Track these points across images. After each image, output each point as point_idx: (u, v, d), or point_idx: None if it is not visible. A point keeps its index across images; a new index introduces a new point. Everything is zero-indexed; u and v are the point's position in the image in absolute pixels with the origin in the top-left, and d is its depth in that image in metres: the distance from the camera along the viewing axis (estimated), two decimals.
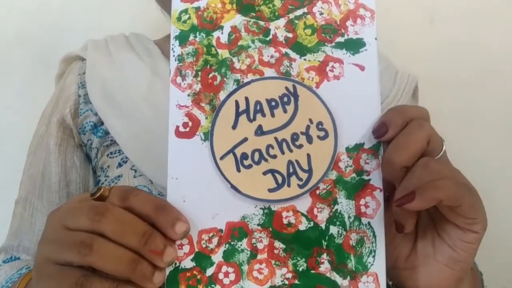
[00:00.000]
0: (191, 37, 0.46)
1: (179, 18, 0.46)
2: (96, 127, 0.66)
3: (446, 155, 0.44)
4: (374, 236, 0.43)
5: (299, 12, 0.46)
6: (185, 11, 0.46)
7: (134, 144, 0.61)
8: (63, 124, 0.67)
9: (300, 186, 0.44)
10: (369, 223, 0.44)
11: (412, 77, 0.71)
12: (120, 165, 0.63)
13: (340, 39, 0.46)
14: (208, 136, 0.44)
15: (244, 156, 0.44)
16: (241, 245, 0.43)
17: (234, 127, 0.44)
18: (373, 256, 0.43)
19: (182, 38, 0.46)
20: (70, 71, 0.70)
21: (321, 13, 0.46)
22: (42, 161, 0.67)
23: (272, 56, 0.45)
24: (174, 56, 0.46)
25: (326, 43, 0.46)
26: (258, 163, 0.44)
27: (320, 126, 0.44)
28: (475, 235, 0.41)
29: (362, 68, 0.45)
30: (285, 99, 0.45)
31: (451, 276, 0.42)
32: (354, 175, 0.44)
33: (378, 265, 0.43)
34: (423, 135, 0.41)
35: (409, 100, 0.69)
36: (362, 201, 0.44)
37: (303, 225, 0.44)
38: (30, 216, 0.66)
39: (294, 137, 0.44)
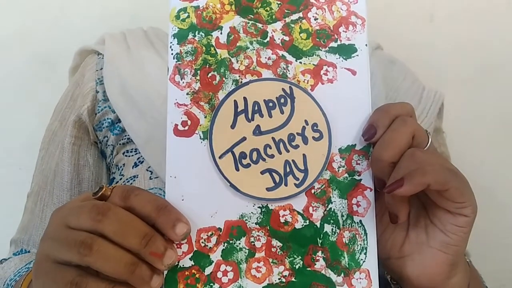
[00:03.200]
0: (190, 36, 0.46)
1: (177, 16, 0.46)
2: (113, 124, 0.64)
3: (434, 146, 0.46)
4: (365, 233, 0.45)
5: (295, 17, 0.48)
6: (184, 9, 0.46)
7: (153, 147, 0.59)
8: (79, 122, 0.64)
9: (297, 186, 0.45)
10: (360, 221, 0.45)
11: (439, 95, 0.69)
12: (136, 165, 0.61)
13: (333, 44, 0.48)
14: (207, 135, 0.44)
15: (243, 155, 0.44)
16: (239, 243, 0.44)
17: (232, 126, 0.45)
18: (365, 253, 0.45)
19: (181, 37, 0.46)
20: (86, 66, 0.67)
21: (316, 19, 0.48)
22: (54, 159, 0.65)
23: (269, 58, 0.46)
24: (172, 54, 0.45)
25: (320, 48, 0.47)
26: (256, 162, 0.44)
27: (315, 128, 0.46)
28: (466, 219, 0.43)
29: (354, 72, 0.47)
30: (282, 100, 0.46)
31: (445, 260, 0.44)
32: (346, 175, 0.46)
33: (370, 261, 0.45)
34: (408, 131, 0.43)
35: (434, 120, 0.67)
36: (354, 200, 0.45)
37: (299, 224, 0.45)
38: (40, 212, 0.64)
39: (291, 137, 0.45)
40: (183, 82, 0.45)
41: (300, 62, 0.47)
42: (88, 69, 0.67)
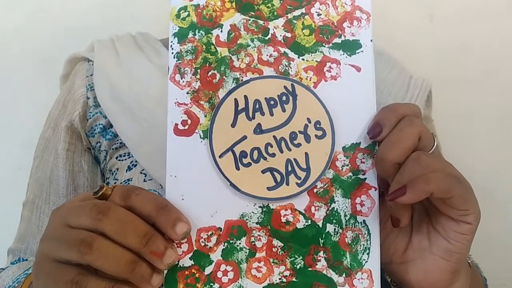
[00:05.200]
0: (190, 35, 0.46)
1: (178, 15, 0.46)
2: (105, 129, 0.64)
3: (438, 150, 0.45)
4: (369, 234, 0.44)
5: (297, 13, 0.47)
6: (184, 8, 0.46)
7: (145, 148, 0.60)
8: (71, 128, 0.65)
9: (299, 185, 0.44)
10: (364, 221, 0.44)
11: (426, 83, 0.69)
12: (129, 168, 0.62)
13: (337, 40, 0.47)
14: (207, 134, 0.44)
15: (243, 154, 0.44)
16: (240, 243, 0.43)
17: (233, 125, 0.44)
18: (368, 254, 0.44)
19: (181, 36, 0.46)
20: (77, 73, 0.68)
21: (319, 14, 0.47)
22: (49, 166, 0.66)
23: (271, 55, 0.46)
24: (173, 53, 0.45)
25: (323, 44, 0.46)
26: (257, 161, 0.44)
27: (318, 126, 0.45)
28: (469, 226, 0.42)
29: (358, 69, 0.46)
30: (284, 98, 0.45)
31: (447, 267, 0.43)
32: (350, 174, 0.45)
33: (372, 262, 0.44)
34: (414, 132, 0.42)
35: (422, 108, 0.67)
36: (357, 200, 0.45)
37: (301, 223, 0.44)
38: (37, 220, 0.65)
39: (293, 136, 0.45)
40: (183, 81, 0.45)
41: (303, 59, 0.46)
42: (79, 76, 0.68)
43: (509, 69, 0.91)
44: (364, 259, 0.44)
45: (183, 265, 0.43)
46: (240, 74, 0.45)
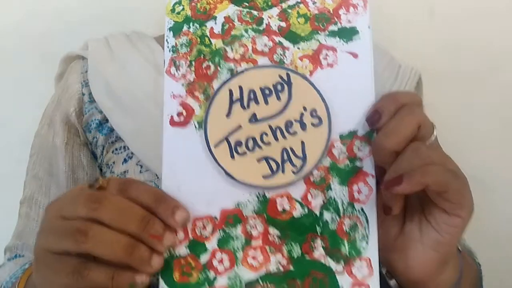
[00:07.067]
0: (185, 28, 0.47)
1: (173, 10, 0.47)
2: (101, 124, 0.66)
3: (437, 141, 0.44)
4: (367, 221, 0.44)
5: (292, 2, 0.47)
6: (179, 2, 0.47)
7: (141, 141, 0.62)
8: (68, 123, 0.67)
9: (295, 173, 0.44)
10: (362, 208, 0.44)
11: (415, 71, 0.70)
12: (125, 161, 0.64)
13: (333, 27, 0.46)
14: (202, 124, 0.45)
15: (238, 143, 0.44)
16: (235, 232, 0.44)
17: (228, 115, 0.45)
18: (366, 241, 0.43)
19: (176, 29, 0.47)
20: (71, 71, 0.70)
21: (314, 2, 0.47)
22: (47, 160, 0.67)
23: (265, 45, 0.46)
24: (168, 47, 0.46)
25: (319, 32, 0.46)
26: (252, 150, 0.44)
27: (314, 114, 0.45)
28: (460, 220, 0.41)
29: (355, 55, 0.46)
30: (279, 87, 0.45)
31: (436, 258, 0.43)
32: (347, 162, 0.44)
33: (371, 250, 0.43)
34: (414, 121, 0.42)
35: None
36: (355, 187, 0.44)
37: (298, 212, 0.44)
38: (36, 215, 0.66)
39: (288, 124, 0.45)
40: (178, 74, 0.46)
41: (298, 48, 0.46)
42: (73, 73, 0.69)
43: (509, 66, 0.89)
44: (362, 247, 0.43)
45: (179, 254, 0.43)
46: (234, 64, 0.46)
